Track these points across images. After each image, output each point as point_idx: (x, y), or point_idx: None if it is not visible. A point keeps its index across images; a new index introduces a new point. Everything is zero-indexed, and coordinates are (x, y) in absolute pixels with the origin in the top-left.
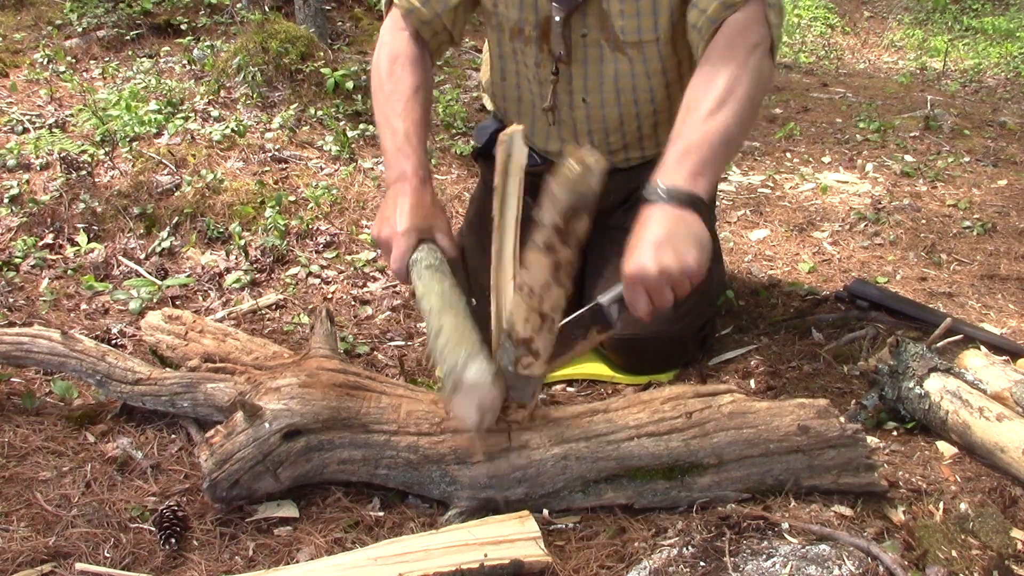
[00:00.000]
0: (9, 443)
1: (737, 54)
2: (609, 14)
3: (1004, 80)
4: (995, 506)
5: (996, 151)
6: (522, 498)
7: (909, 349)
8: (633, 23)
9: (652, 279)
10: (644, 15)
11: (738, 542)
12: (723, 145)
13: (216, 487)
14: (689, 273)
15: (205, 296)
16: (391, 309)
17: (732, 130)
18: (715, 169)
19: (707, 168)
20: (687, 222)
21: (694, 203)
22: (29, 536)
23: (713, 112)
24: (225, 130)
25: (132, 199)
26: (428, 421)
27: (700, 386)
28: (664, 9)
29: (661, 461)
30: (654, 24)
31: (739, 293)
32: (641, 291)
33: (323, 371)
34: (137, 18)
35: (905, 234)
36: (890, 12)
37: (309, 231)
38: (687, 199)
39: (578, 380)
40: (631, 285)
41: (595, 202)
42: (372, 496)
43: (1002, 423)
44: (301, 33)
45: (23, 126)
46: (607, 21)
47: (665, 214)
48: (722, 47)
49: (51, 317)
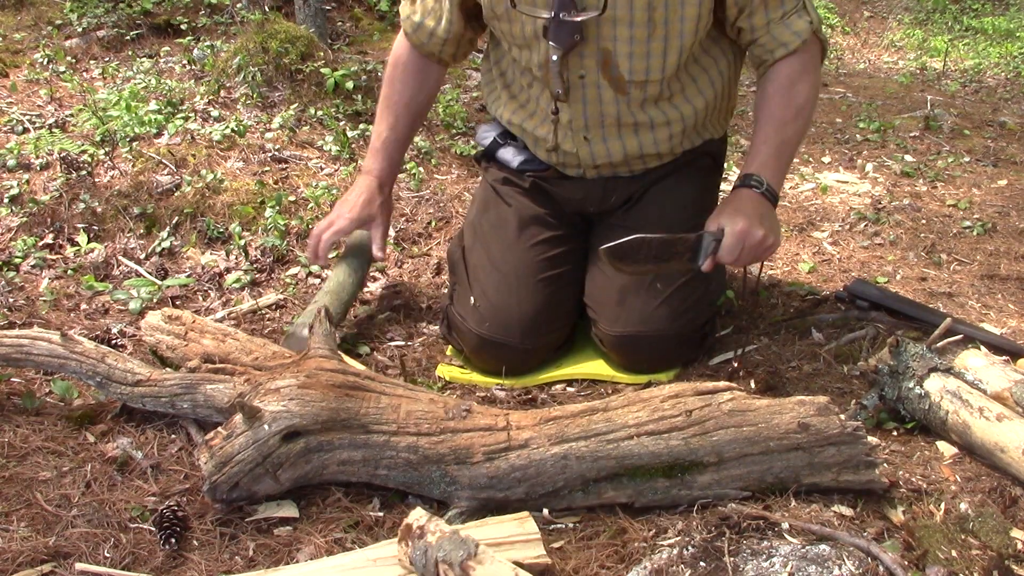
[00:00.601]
0: (9, 443)
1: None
2: (614, 55)
3: (1004, 80)
4: (995, 506)
5: (996, 151)
6: (522, 498)
7: (909, 349)
8: (642, 64)
9: (755, 240)
10: (654, 56)
11: (738, 542)
12: (797, 145)
13: (216, 489)
14: (773, 249)
15: (205, 296)
16: (391, 309)
17: (802, 132)
18: (788, 167)
19: (786, 169)
20: (774, 213)
21: (776, 200)
22: (29, 536)
23: (793, 120)
24: (225, 130)
25: (132, 199)
26: (428, 421)
27: (700, 384)
28: (674, 51)
29: (661, 459)
30: (663, 64)
31: (739, 293)
32: (740, 244)
33: (322, 372)
34: (137, 18)
35: (905, 234)
36: (890, 12)
37: (309, 231)
38: (774, 197)
39: (578, 380)
40: (738, 234)
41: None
42: (372, 496)
43: (1002, 423)
44: (301, 33)
45: (23, 126)
46: (610, 61)
47: (764, 202)
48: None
49: (51, 317)
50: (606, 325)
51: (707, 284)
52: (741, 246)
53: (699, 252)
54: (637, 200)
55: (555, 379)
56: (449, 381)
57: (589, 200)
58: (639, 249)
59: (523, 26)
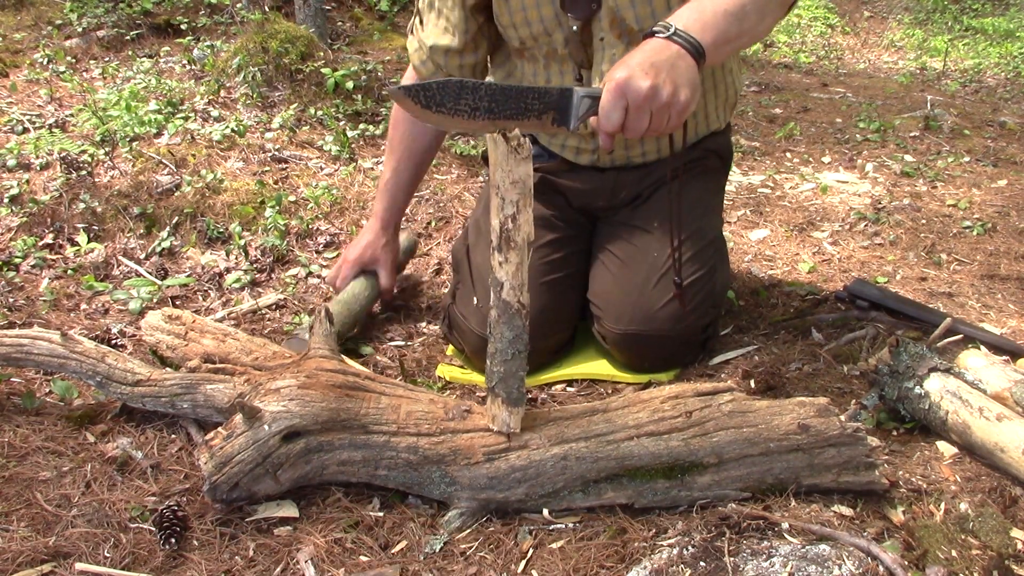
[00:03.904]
0: (9, 443)
1: None
2: (618, 9)
3: (1004, 80)
4: (995, 506)
5: (996, 151)
6: (522, 498)
7: (909, 349)
8: (646, 9)
9: (639, 92)
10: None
11: (738, 542)
12: (737, 16)
13: (216, 490)
14: (676, 107)
15: (205, 296)
16: (391, 309)
17: (747, 5)
18: (725, 33)
19: (717, 29)
20: (688, 63)
21: (698, 51)
22: (29, 536)
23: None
24: (225, 130)
25: (132, 199)
26: (428, 422)
27: (700, 385)
28: None
29: (661, 460)
30: (667, 5)
31: (739, 293)
32: (622, 101)
33: (322, 372)
34: (137, 18)
35: (905, 234)
36: (890, 12)
37: (309, 231)
38: (693, 44)
39: (578, 380)
40: (615, 90)
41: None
42: (372, 496)
43: (1002, 423)
44: (301, 33)
45: (23, 126)
46: (617, 17)
47: (669, 48)
48: None
49: (51, 317)
50: (610, 323)
51: (712, 285)
52: (623, 102)
53: (568, 111)
54: (645, 199)
55: (555, 379)
56: (449, 381)
57: (598, 193)
58: (457, 94)
59: (539, 7)
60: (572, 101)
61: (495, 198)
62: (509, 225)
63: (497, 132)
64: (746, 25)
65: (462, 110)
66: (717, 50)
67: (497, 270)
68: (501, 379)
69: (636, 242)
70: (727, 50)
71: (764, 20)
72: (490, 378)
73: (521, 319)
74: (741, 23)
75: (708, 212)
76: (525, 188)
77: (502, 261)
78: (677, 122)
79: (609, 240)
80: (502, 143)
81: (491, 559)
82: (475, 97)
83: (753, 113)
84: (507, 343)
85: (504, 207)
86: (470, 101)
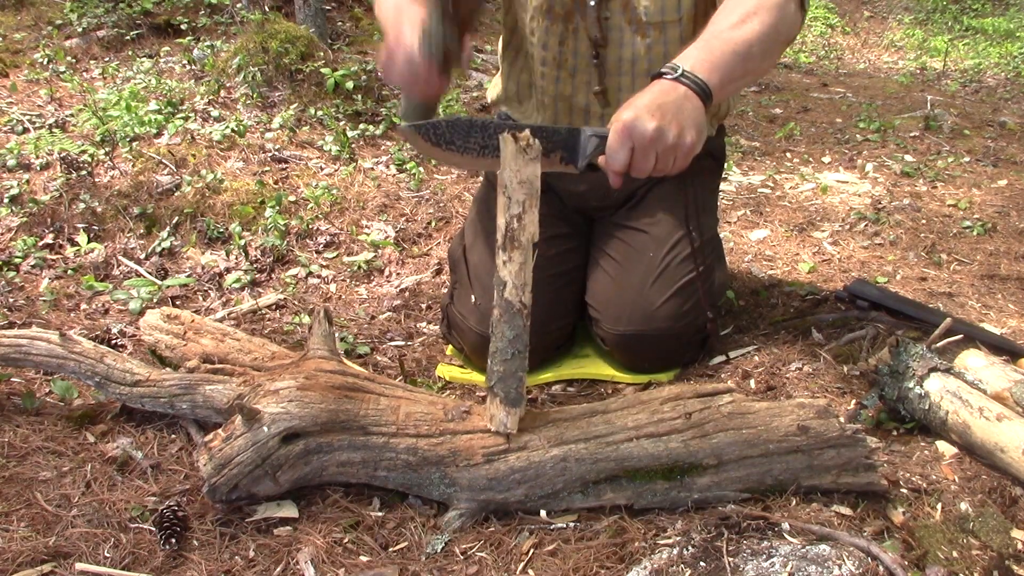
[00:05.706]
0: (9, 443)
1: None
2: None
3: (1004, 80)
4: (995, 506)
5: (996, 151)
6: (521, 499)
7: (909, 349)
8: (657, 3)
9: (645, 135)
10: None
11: (738, 542)
12: (743, 56)
13: (215, 491)
14: (682, 148)
15: (205, 296)
16: (391, 309)
17: (753, 46)
18: (731, 73)
19: (724, 69)
20: (694, 105)
21: (705, 92)
22: (29, 536)
23: (736, 26)
24: (225, 130)
25: (132, 199)
26: (427, 423)
27: (700, 386)
28: None
29: (660, 462)
30: (677, 4)
31: (739, 293)
32: (628, 143)
33: (321, 373)
34: (137, 18)
35: (905, 234)
36: (890, 12)
37: (309, 231)
38: (700, 85)
39: (578, 380)
40: (622, 132)
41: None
42: (372, 496)
43: (1002, 423)
44: (301, 33)
45: (23, 126)
46: (630, 3)
47: (676, 89)
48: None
49: (51, 317)
50: (608, 324)
51: (710, 285)
52: (629, 143)
53: (576, 150)
54: (640, 200)
55: (555, 379)
56: (449, 381)
57: (592, 194)
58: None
59: None
60: (580, 140)
61: (502, 197)
62: (515, 225)
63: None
64: (751, 64)
65: (471, 148)
66: (723, 89)
67: (501, 269)
68: (500, 379)
69: (632, 243)
70: (732, 89)
71: (768, 58)
72: (490, 377)
73: (522, 319)
74: (747, 62)
75: (704, 212)
76: (532, 188)
77: (506, 260)
78: (683, 163)
79: (605, 242)
80: (511, 143)
81: (491, 559)
82: (484, 135)
83: (753, 113)
84: (507, 342)
85: (511, 206)
86: (479, 139)
